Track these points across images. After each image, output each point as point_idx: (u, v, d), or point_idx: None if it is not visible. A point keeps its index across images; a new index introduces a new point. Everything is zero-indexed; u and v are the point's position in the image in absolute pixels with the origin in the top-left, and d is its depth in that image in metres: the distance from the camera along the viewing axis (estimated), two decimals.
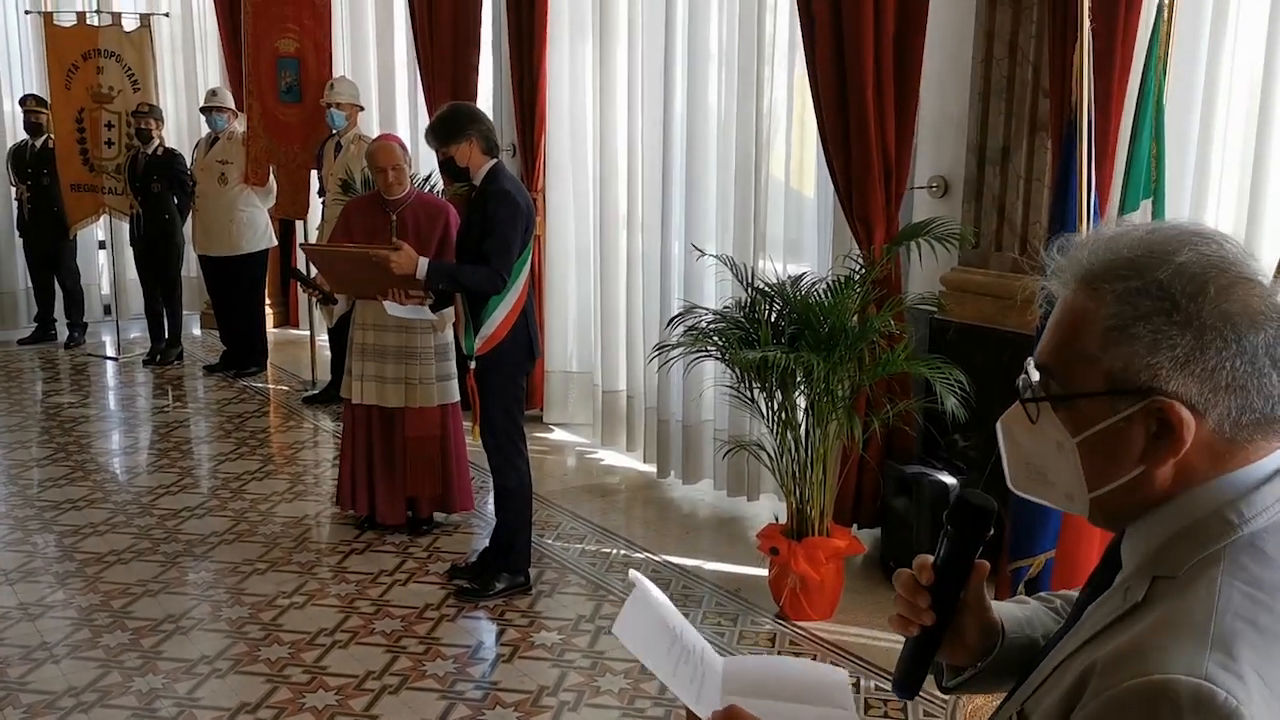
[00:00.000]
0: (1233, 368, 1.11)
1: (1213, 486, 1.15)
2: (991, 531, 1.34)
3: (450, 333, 5.15)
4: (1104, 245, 1.18)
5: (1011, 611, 1.43)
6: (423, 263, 4.50)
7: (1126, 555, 1.21)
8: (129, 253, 8.97)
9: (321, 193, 7.64)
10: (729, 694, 1.51)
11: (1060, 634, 1.28)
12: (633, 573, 1.60)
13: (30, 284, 9.43)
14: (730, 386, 4.75)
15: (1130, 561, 1.20)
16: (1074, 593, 1.39)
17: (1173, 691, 1.01)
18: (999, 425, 1.28)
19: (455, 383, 5.21)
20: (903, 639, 1.41)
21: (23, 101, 8.89)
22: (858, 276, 4.52)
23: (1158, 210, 3.73)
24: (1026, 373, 1.23)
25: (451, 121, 4.48)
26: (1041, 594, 1.51)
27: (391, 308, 4.73)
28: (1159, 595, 1.12)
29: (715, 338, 4.52)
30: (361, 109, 7.48)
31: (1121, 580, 1.20)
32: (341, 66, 8.30)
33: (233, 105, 8.20)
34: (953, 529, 1.34)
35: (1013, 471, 1.27)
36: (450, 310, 4.86)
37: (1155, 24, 3.67)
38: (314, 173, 7.78)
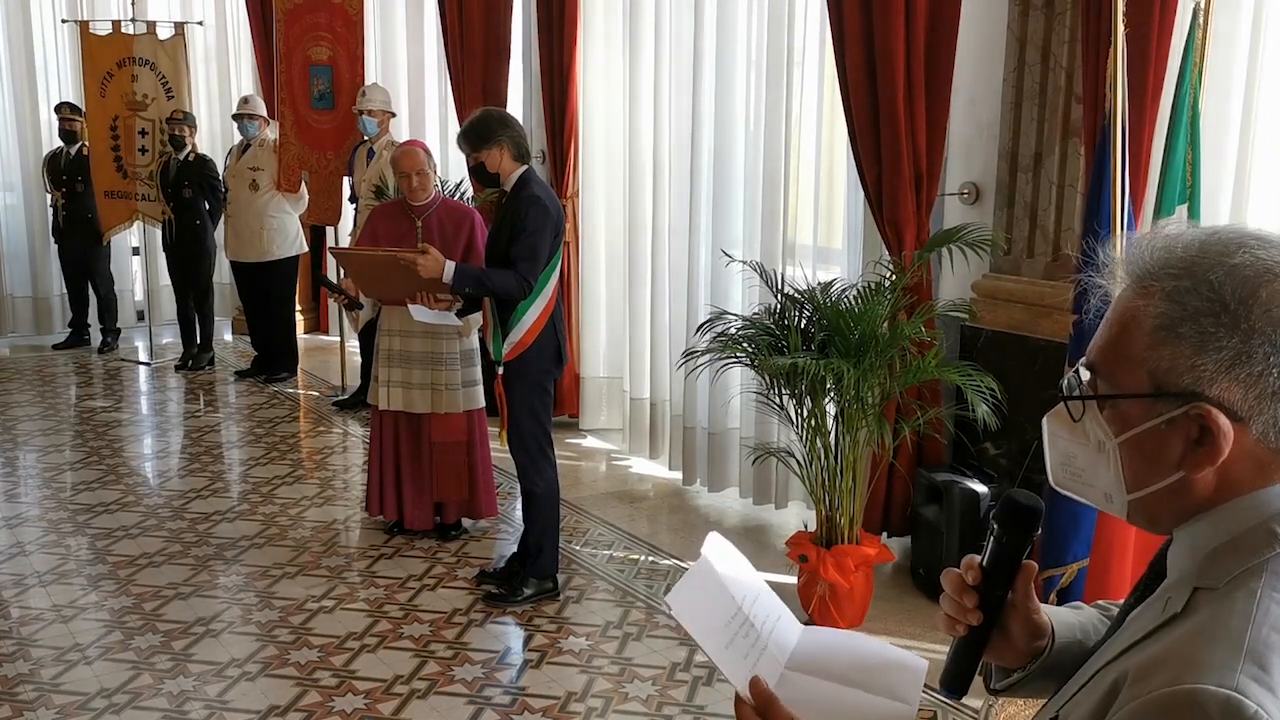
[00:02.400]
0: None
1: (1259, 497, 1.13)
2: (1039, 531, 1.34)
3: (476, 339, 5.17)
4: (1161, 244, 1.17)
5: (1064, 616, 1.41)
6: (449, 266, 4.51)
7: (1172, 563, 1.20)
8: (162, 259, 9.05)
9: (353, 199, 7.68)
10: (791, 668, 1.46)
11: (1103, 640, 1.27)
12: (711, 535, 1.55)
13: (65, 290, 9.55)
14: (758, 393, 4.73)
15: (1174, 570, 1.18)
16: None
17: (1201, 702, 0.99)
18: (1044, 421, 1.27)
19: (481, 388, 5.22)
20: (944, 640, 1.40)
21: (57, 109, 8.99)
22: (888, 283, 4.50)
23: (1193, 216, 3.69)
24: (1077, 370, 1.21)
25: (482, 127, 4.50)
26: (1100, 602, 1.48)
27: (418, 313, 4.74)
28: (1198, 606, 1.10)
29: (744, 344, 4.51)
30: (394, 115, 7.51)
31: (1164, 589, 1.18)
32: (373, 73, 8.35)
33: (264, 113, 8.26)
34: (999, 528, 1.34)
35: (1054, 468, 1.27)
36: (476, 316, 4.88)
37: (1190, 28, 3.63)
38: (345, 179, 7.83)
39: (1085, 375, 1.20)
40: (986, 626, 1.36)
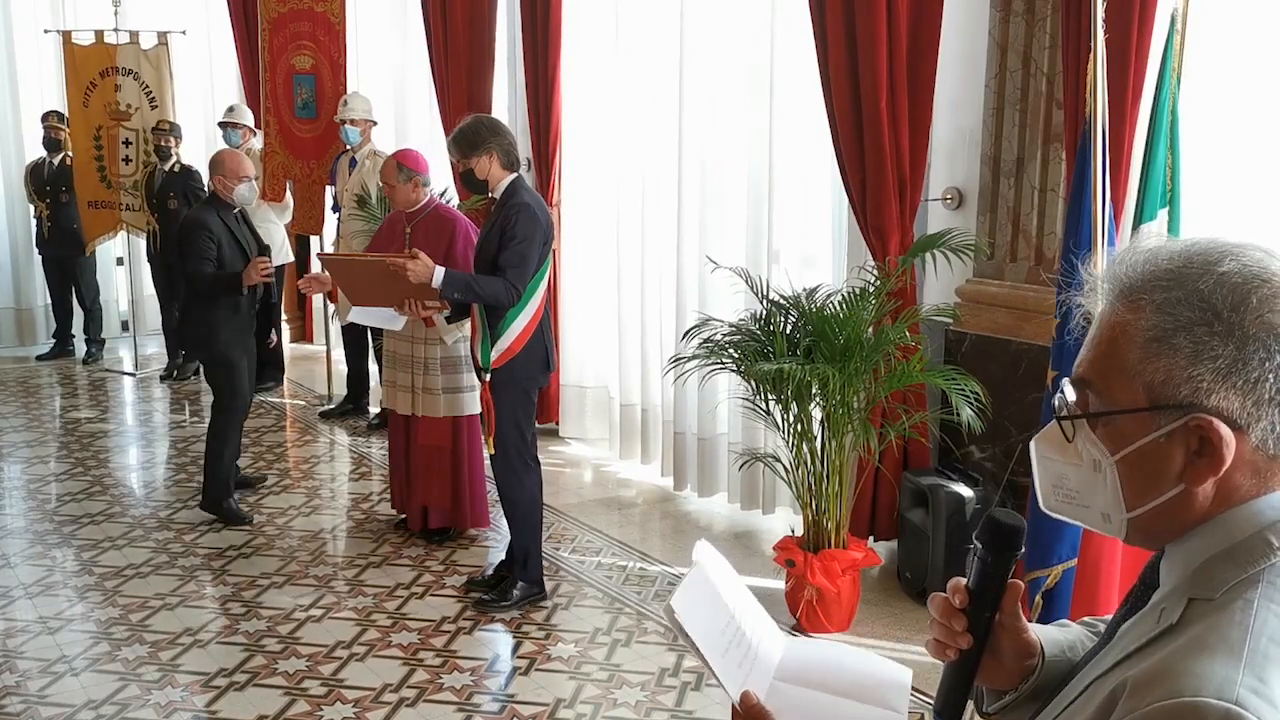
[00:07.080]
0: (1276, 380, 1.08)
1: (1255, 506, 1.12)
2: (1023, 550, 1.32)
3: (464, 346, 5.17)
4: (1143, 258, 1.16)
5: (1052, 635, 1.40)
6: (439, 271, 4.49)
7: (1164, 575, 1.19)
8: (146, 269, 9.02)
9: (335, 208, 7.67)
10: (780, 679, 1.46)
11: (1093, 653, 1.26)
12: (700, 543, 1.53)
13: (49, 300, 9.50)
14: (745, 399, 4.75)
15: (1168, 582, 1.18)
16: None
17: (1202, 715, 0.99)
18: (1031, 445, 1.25)
19: (467, 396, 5.22)
20: (925, 659, 1.39)
21: (45, 117, 8.96)
22: (873, 288, 4.52)
23: (1173, 220, 3.72)
24: (1062, 390, 1.20)
25: (472, 134, 4.50)
26: (1085, 619, 1.47)
27: (356, 314, 4.91)
28: (1194, 618, 1.10)
29: (730, 350, 4.52)
30: (375, 124, 7.48)
31: (1157, 601, 1.17)
32: (357, 82, 8.33)
33: (249, 122, 8.24)
34: (983, 549, 1.32)
35: (1045, 493, 1.24)
36: (458, 324, 4.92)
37: (1169, 34, 3.67)
38: (328, 188, 7.81)
39: (1072, 393, 1.19)
40: (977, 649, 1.34)
